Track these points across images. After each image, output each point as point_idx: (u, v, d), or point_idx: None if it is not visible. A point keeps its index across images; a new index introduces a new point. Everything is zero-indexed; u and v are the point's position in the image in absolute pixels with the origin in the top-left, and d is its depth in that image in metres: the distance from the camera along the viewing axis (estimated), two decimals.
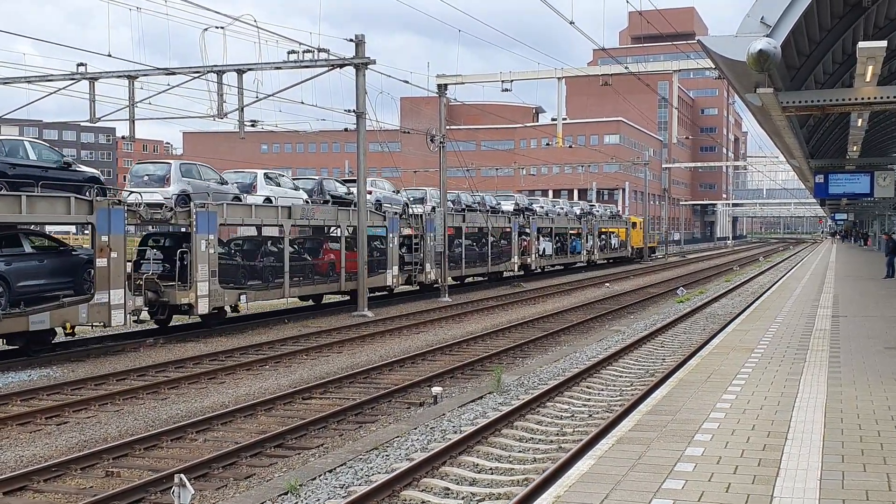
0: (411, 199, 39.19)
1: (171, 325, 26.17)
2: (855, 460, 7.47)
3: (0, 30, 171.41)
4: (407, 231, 36.93)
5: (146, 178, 25.00)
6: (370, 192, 33.29)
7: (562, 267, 57.81)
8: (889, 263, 32.43)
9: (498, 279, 45.80)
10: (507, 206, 49.05)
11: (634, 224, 74.07)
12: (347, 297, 32.86)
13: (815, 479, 6.94)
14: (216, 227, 24.74)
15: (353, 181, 32.95)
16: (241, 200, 27.14)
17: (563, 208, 59.09)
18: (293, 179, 33.09)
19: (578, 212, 61.30)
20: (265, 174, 29.50)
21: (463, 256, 40.95)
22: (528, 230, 48.65)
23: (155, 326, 25.62)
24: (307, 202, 29.98)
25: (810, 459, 7.50)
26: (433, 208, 38.06)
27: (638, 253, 74.27)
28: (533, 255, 48.70)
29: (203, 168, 26.83)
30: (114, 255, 21.19)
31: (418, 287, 37.72)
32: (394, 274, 34.26)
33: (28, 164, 20.34)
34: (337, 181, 34.52)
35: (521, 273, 48.86)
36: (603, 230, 65.62)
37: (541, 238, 51.44)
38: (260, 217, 27.50)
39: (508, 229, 46.34)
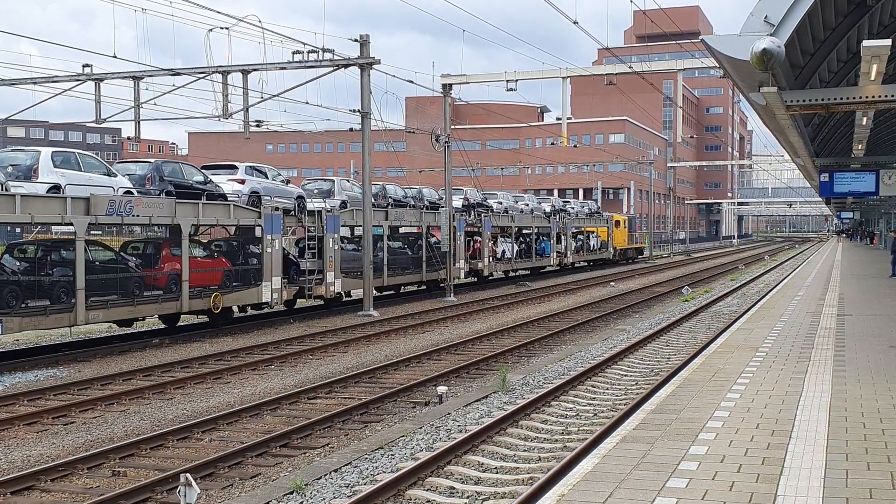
0: (315, 190, 32.63)
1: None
2: (859, 459, 7.48)
3: (2, 30, 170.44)
4: (317, 232, 29.58)
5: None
6: (242, 182, 27.29)
7: (526, 272, 50.91)
8: (894, 262, 32.36)
9: (438, 288, 38.24)
10: (458, 201, 42.66)
11: (618, 223, 67.78)
12: (206, 320, 26.43)
13: (818, 477, 6.95)
14: None
15: (223, 167, 28.25)
16: (59, 191, 20.52)
17: (527, 204, 52.24)
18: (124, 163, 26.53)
19: (548, 209, 54.65)
20: (53, 153, 21.39)
21: (386, 262, 34.32)
22: (480, 229, 42.44)
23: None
24: (133, 192, 22.77)
25: (814, 458, 7.51)
26: (343, 203, 32.02)
27: (622, 255, 68.48)
28: (486, 259, 42.22)
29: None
30: None
31: (322, 302, 31.55)
32: (273, 287, 26.58)
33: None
34: (194, 167, 26.86)
35: (474, 280, 43.79)
36: (580, 229, 59.86)
37: (500, 239, 45.89)
38: (30, 212, 19.37)
39: (453, 228, 39.44)
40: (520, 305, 33.60)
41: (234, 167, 28.14)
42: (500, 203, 47.90)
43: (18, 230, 22.27)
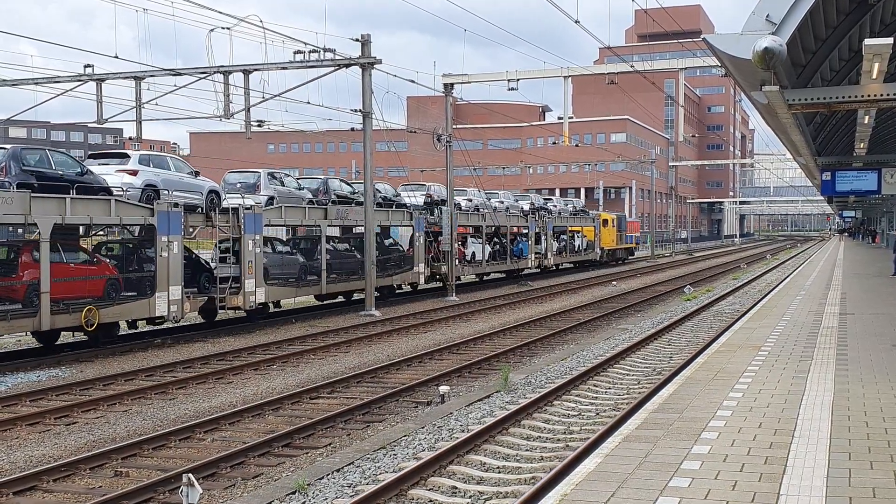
0: (238, 184, 28.53)
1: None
2: (862, 458, 7.47)
3: (2, 31, 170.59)
4: (233, 233, 25.75)
5: None
6: (133, 173, 23.67)
7: (502, 275, 47.32)
8: None
9: (392, 294, 35.67)
10: (419, 198, 39.37)
11: (606, 221, 63.64)
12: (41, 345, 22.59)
13: (821, 476, 6.95)
14: None
15: (112, 155, 25.00)
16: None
17: (501, 202, 48.04)
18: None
19: (526, 206, 50.69)
20: None
21: (324, 267, 29.72)
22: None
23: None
24: None
25: (817, 457, 7.50)
26: (271, 199, 28.07)
27: (610, 255, 64.72)
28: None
29: None
30: None
31: (245, 313, 26.97)
32: (172, 298, 22.93)
33: None
34: (69, 155, 23.38)
35: (438, 285, 39.25)
36: (565, 229, 56.08)
37: (470, 240, 42.79)
38: None
39: (410, 226, 36.45)
40: (521, 305, 33.60)
41: (126, 156, 24.53)
42: (470, 200, 43.45)
43: None
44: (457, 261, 38.31)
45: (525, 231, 48.78)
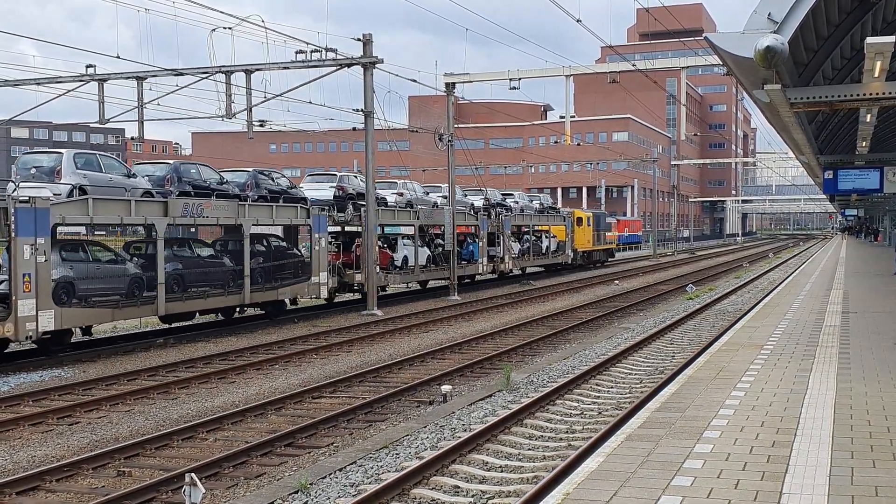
0: (34, 169, 21.77)
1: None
2: (864, 456, 7.47)
3: (2, 31, 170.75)
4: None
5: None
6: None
7: (443, 281, 39.17)
8: None
9: (282, 311, 28.79)
10: (327, 191, 32.49)
11: (580, 220, 57.33)
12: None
13: (824, 475, 6.94)
14: None
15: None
16: None
17: (444, 196, 40.14)
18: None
19: (479, 202, 43.78)
20: None
21: (161, 280, 22.72)
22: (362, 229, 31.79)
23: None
24: None
25: (819, 456, 7.50)
26: (73, 190, 21.20)
27: (585, 258, 58.43)
28: (372, 268, 30.92)
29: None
30: None
31: (35, 344, 20.92)
32: None
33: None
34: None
35: (354, 297, 33.95)
36: (533, 228, 49.89)
37: (401, 242, 36.82)
38: None
39: (306, 225, 29.50)
40: (523, 304, 33.60)
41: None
42: (402, 195, 37.12)
43: None
44: (377, 267, 31.72)
45: (481, 231, 41.93)
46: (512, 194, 51.47)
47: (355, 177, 34.99)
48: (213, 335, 24.44)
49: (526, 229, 49.78)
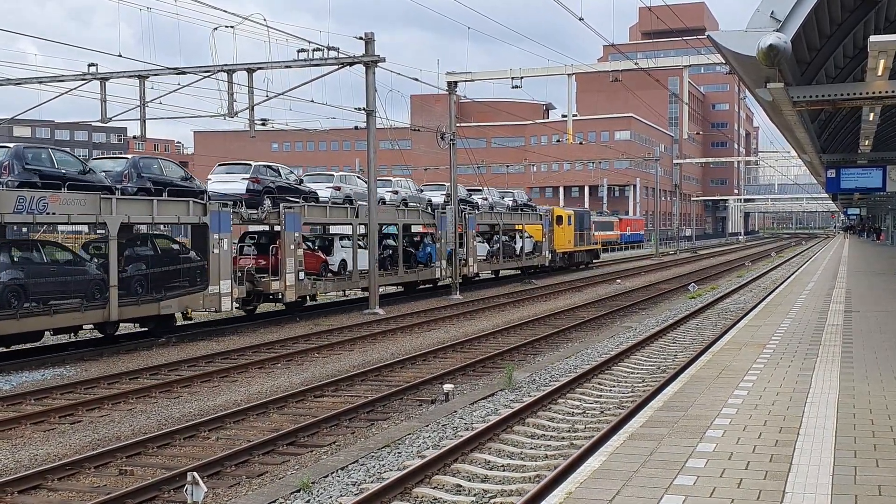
0: None
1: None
2: (867, 455, 7.45)
3: (3, 29, 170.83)
4: None
5: None
6: None
7: (396, 288, 37.55)
8: None
9: (170, 329, 24.13)
10: (239, 183, 27.56)
11: (560, 218, 52.46)
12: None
13: (827, 474, 6.93)
14: None
15: None
16: None
17: (395, 192, 36.00)
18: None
19: (438, 199, 39.47)
20: None
21: (26, 289, 19.61)
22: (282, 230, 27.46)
23: None
24: None
25: (822, 455, 7.48)
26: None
27: (566, 259, 53.63)
28: (291, 276, 27.10)
29: None
30: None
31: None
32: None
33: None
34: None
35: (277, 307, 30.08)
36: (502, 227, 45.28)
37: (338, 244, 32.63)
38: None
39: (202, 224, 24.37)
40: (525, 303, 33.59)
41: None
42: (339, 189, 32.29)
43: None
44: (301, 273, 27.95)
45: (438, 231, 37.85)
46: (480, 190, 46.13)
47: (272, 167, 29.76)
48: (216, 334, 24.44)
49: (504, 228, 45.85)
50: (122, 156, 24.23)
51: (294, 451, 12.13)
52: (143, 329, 24.02)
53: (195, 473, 9.51)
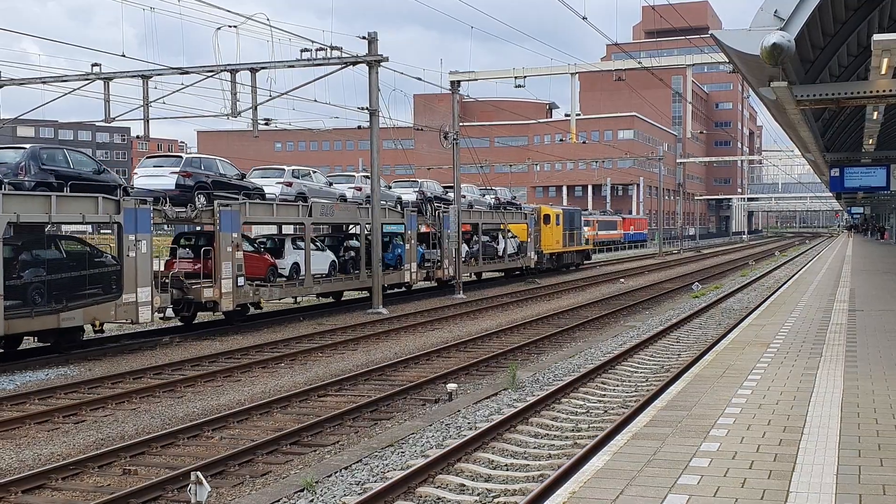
0: None
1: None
2: (872, 455, 7.44)
3: (5, 28, 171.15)
4: None
5: None
6: None
7: (356, 293, 34.25)
8: None
9: (76, 344, 21.53)
10: (166, 178, 24.56)
11: (547, 217, 49.45)
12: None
13: (831, 473, 6.91)
14: None
15: None
16: None
17: (358, 189, 33.18)
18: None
19: (409, 196, 36.16)
20: None
21: None
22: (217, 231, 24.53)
23: None
24: None
25: (826, 454, 7.47)
26: None
27: (554, 261, 50.49)
28: (229, 282, 24.28)
29: None
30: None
31: None
32: None
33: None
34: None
35: (215, 317, 26.84)
36: (482, 227, 42.20)
37: (289, 246, 29.24)
38: None
39: (113, 223, 21.60)
40: (529, 302, 33.57)
41: None
42: (290, 186, 29.08)
43: None
44: (241, 279, 25.01)
45: (401, 231, 35.02)
46: (473, 186, 44.31)
47: (207, 159, 26.78)
48: (219, 333, 24.45)
49: (487, 228, 43.57)
50: (21, 146, 21.32)
51: (298, 451, 12.14)
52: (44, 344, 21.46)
53: (199, 473, 9.52)
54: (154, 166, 25.27)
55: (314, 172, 31.70)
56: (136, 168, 25.95)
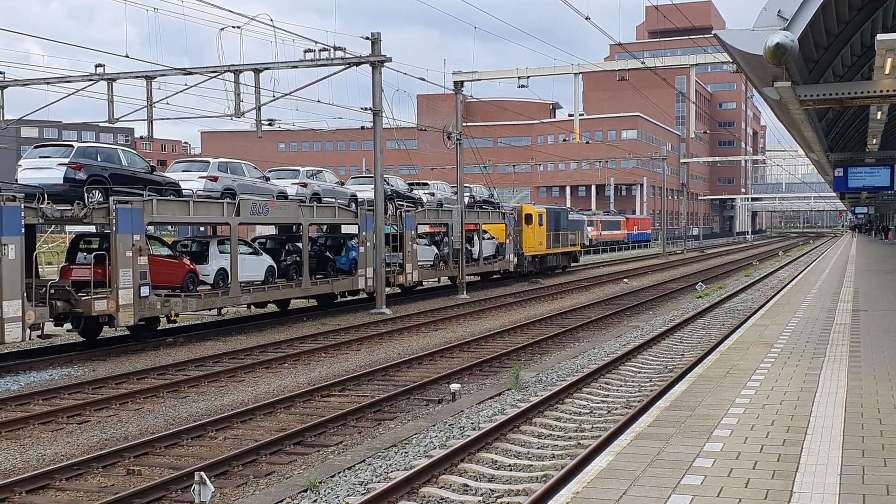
0: None
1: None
2: (875, 455, 7.43)
3: (8, 29, 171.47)
4: None
5: None
6: None
7: (305, 301, 31.56)
8: None
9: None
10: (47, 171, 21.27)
11: (529, 217, 46.23)
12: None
13: (835, 473, 6.91)
14: None
15: None
16: None
17: (302, 184, 29.67)
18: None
19: (371, 194, 31.78)
20: None
21: None
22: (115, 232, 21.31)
23: None
24: None
25: (830, 454, 7.46)
26: None
27: (536, 263, 46.99)
28: (128, 292, 20.99)
29: None
30: None
31: None
32: None
33: None
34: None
35: (120, 333, 23.86)
36: (452, 227, 37.99)
37: (213, 249, 25.69)
38: None
39: None
40: (532, 303, 33.56)
41: None
42: (214, 180, 25.53)
43: None
44: (146, 289, 21.70)
45: (362, 232, 31.38)
46: (427, 184, 40.37)
47: (104, 149, 23.81)
48: (223, 334, 24.47)
49: (444, 230, 39.53)
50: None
51: (301, 451, 12.15)
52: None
53: (203, 473, 9.52)
54: (40, 157, 21.87)
55: (247, 166, 28.31)
56: (20, 160, 22.52)
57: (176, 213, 23.88)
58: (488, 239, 42.72)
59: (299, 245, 29.33)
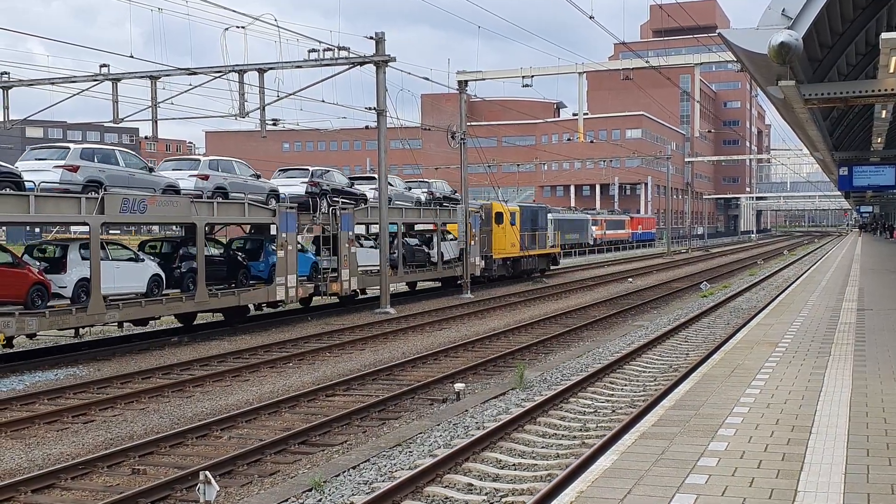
0: None
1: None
2: (880, 454, 7.42)
3: (12, 29, 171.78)
4: None
5: None
6: None
7: (213, 316, 27.27)
8: None
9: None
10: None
11: (499, 217, 41.79)
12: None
13: (839, 473, 6.90)
14: None
15: None
16: None
17: (203, 176, 25.16)
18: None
19: (299, 189, 29.10)
20: None
21: None
22: None
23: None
24: None
25: (835, 453, 7.45)
26: None
27: (508, 268, 42.97)
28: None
29: None
30: None
31: None
32: None
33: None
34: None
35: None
36: (403, 228, 35.26)
37: (72, 255, 21.05)
38: None
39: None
40: (536, 302, 33.56)
41: None
42: (74, 170, 20.95)
43: None
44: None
45: (281, 234, 26.64)
46: (372, 178, 34.33)
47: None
48: (227, 333, 24.50)
49: (393, 230, 33.58)
50: None
51: (306, 451, 12.16)
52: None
53: (207, 472, 9.54)
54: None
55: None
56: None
57: (9, 212, 19.10)
58: (451, 240, 38.21)
59: (190, 250, 24.64)
